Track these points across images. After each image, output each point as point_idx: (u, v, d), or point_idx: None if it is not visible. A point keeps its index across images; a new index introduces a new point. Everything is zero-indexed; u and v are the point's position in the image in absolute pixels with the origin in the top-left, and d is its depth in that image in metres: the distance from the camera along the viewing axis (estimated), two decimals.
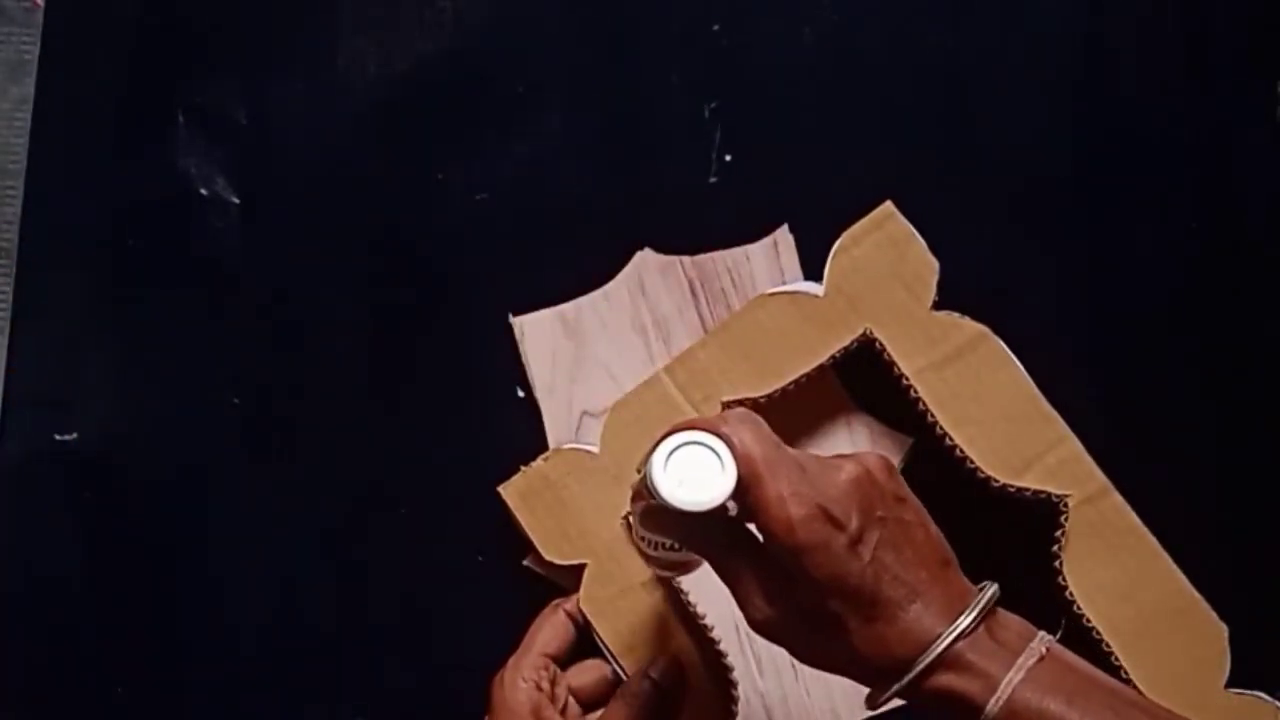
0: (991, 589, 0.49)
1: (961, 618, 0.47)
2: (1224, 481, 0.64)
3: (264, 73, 0.68)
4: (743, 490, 0.48)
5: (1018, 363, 0.62)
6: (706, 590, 0.63)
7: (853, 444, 0.65)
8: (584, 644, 0.62)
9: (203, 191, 0.68)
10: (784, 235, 0.66)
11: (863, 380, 0.65)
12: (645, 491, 0.49)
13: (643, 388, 0.63)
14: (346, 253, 0.68)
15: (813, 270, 0.65)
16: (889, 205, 0.63)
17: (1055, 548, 0.60)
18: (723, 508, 0.48)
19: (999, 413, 0.61)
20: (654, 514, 0.51)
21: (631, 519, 0.55)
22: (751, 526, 0.50)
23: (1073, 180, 0.67)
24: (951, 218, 0.64)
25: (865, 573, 0.47)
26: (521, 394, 0.66)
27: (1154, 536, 0.61)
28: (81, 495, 0.66)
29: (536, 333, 0.66)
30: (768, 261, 0.66)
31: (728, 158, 0.67)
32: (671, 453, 0.48)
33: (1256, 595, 0.63)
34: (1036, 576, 0.61)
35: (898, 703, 0.61)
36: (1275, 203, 0.66)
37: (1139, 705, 0.47)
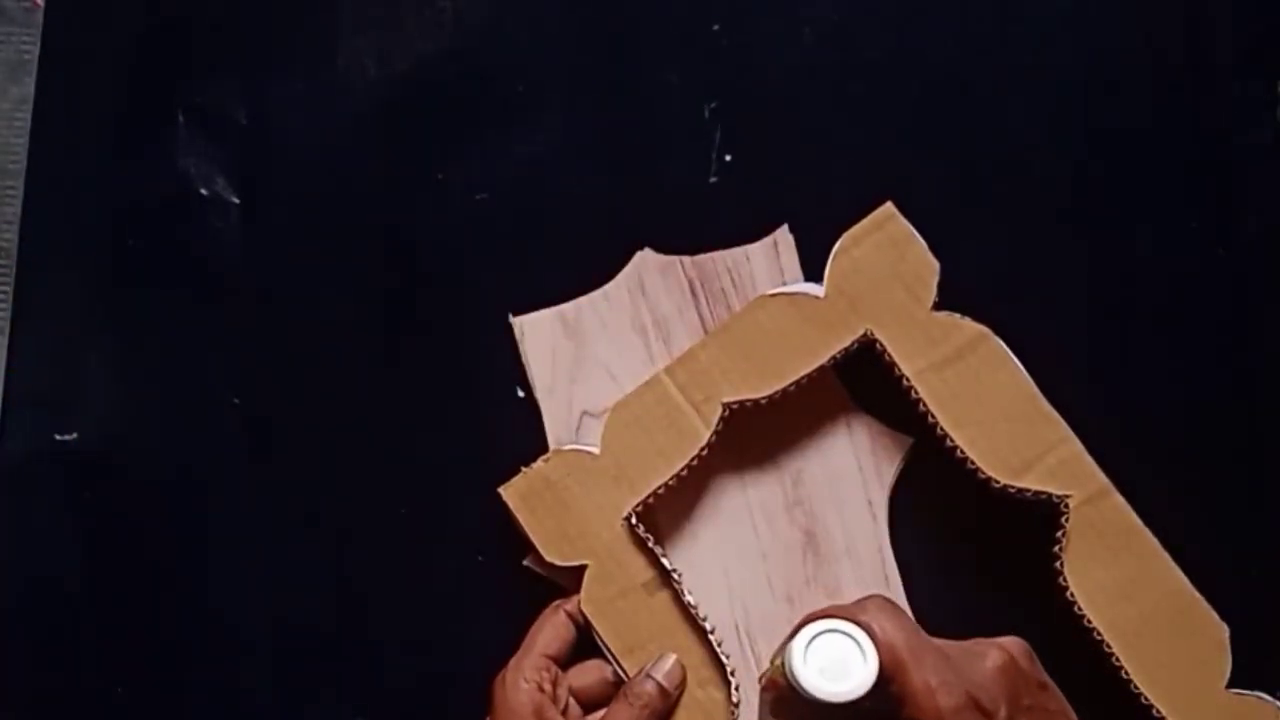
0: None
1: None
2: (1224, 481, 0.64)
3: (264, 73, 0.68)
4: (885, 679, 0.47)
5: (1018, 363, 0.62)
6: (706, 590, 0.63)
7: (853, 445, 0.65)
8: (584, 644, 0.62)
9: (203, 191, 0.68)
10: (784, 235, 0.66)
11: (863, 381, 0.65)
12: (781, 681, 0.48)
13: (643, 388, 0.63)
14: (346, 253, 0.67)
15: (813, 271, 0.65)
16: (889, 206, 0.63)
17: (1056, 548, 0.60)
18: (859, 699, 0.47)
19: (999, 413, 0.61)
20: (788, 705, 0.50)
21: (760, 712, 0.55)
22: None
23: (1073, 180, 0.67)
24: (951, 218, 0.64)
25: None
26: (521, 394, 0.66)
27: (1154, 537, 0.61)
28: (81, 495, 0.66)
29: (536, 333, 0.66)
30: (768, 261, 0.66)
31: (728, 158, 0.67)
32: (810, 641, 0.47)
33: (1257, 595, 0.63)
34: (1037, 577, 0.61)
35: None
36: (1275, 202, 0.66)
37: None
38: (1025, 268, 0.66)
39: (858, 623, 0.47)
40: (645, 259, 0.66)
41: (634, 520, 0.62)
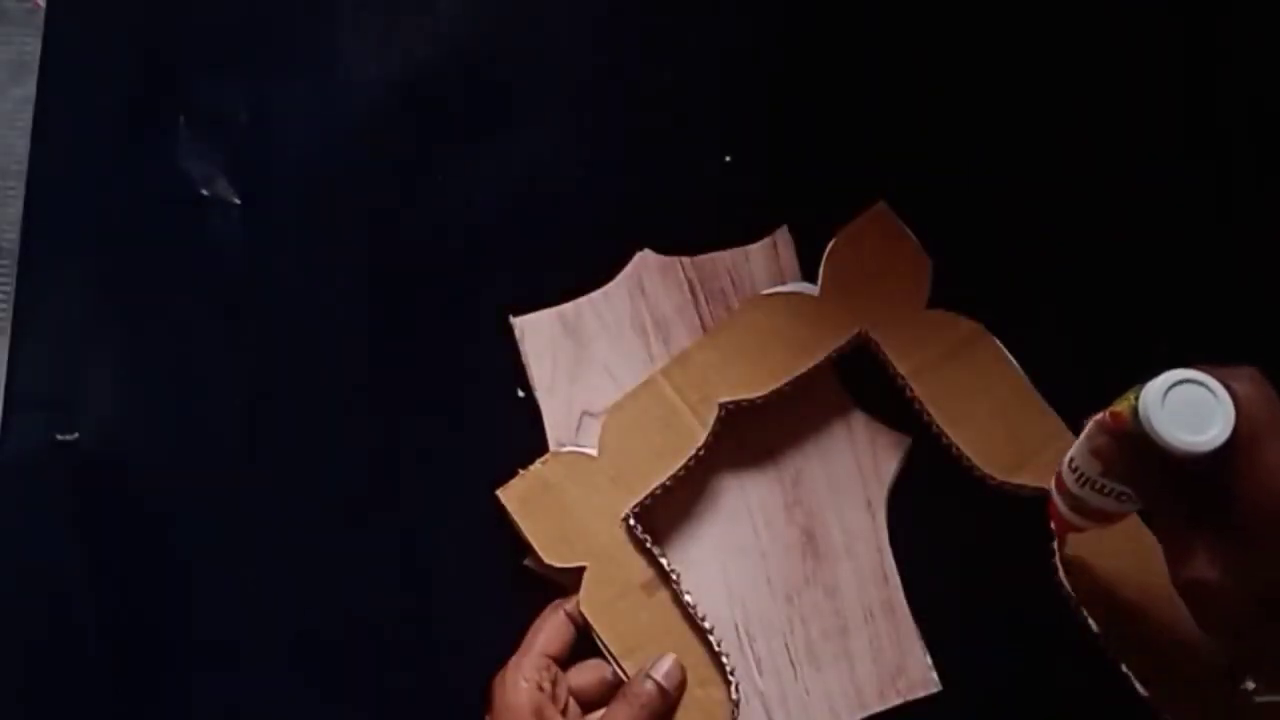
0: None
1: None
2: None
3: (265, 73, 0.69)
4: (1237, 446, 0.44)
5: (1013, 360, 0.62)
6: (707, 591, 0.63)
7: (852, 444, 0.65)
8: (584, 644, 0.62)
9: (203, 192, 0.68)
10: (784, 235, 0.67)
11: (860, 379, 0.65)
12: (1128, 424, 0.46)
13: (639, 389, 0.63)
14: (346, 253, 0.68)
15: (812, 270, 0.65)
16: (882, 204, 0.64)
17: (1053, 544, 0.60)
18: (1202, 455, 0.45)
19: (994, 409, 0.61)
20: (1122, 450, 0.47)
21: (1078, 452, 0.51)
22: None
23: (1070, 178, 0.67)
24: (949, 216, 0.64)
25: None
26: (521, 394, 0.66)
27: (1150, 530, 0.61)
28: (81, 495, 0.66)
29: (536, 333, 0.66)
30: (767, 261, 0.66)
31: (728, 158, 0.67)
32: (1170, 388, 0.45)
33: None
34: (1035, 573, 0.61)
35: (894, 702, 0.62)
36: (1276, 202, 0.66)
37: None
38: (1019, 264, 0.66)
39: (1219, 380, 0.45)
40: (645, 259, 0.67)
41: (632, 521, 0.62)
